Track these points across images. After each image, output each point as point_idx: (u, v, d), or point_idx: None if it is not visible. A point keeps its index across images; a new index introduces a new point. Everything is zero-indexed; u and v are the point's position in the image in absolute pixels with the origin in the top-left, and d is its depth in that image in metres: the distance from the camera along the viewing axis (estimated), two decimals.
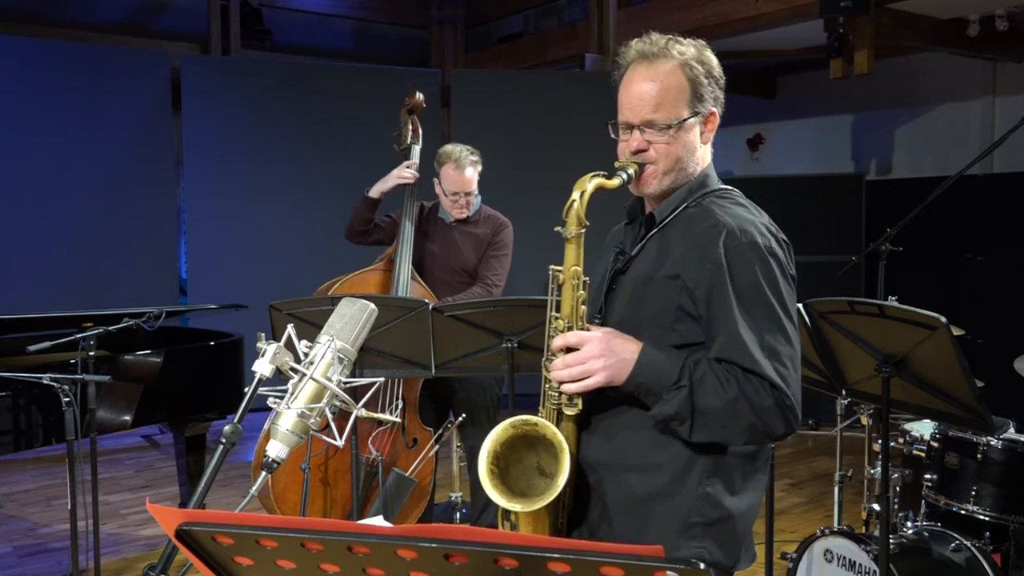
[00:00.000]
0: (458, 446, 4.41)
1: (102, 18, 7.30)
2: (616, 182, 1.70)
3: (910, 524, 3.10)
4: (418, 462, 3.55)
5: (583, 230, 1.67)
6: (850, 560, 2.91)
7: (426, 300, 3.10)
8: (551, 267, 1.71)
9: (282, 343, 1.45)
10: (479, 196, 3.80)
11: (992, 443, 2.99)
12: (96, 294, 6.04)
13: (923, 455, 3.23)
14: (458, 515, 4.28)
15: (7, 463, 5.56)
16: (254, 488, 1.43)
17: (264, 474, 1.42)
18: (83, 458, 3.04)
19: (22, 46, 6.24)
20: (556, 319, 1.70)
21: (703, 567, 0.85)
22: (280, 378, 1.44)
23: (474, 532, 0.89)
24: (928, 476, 3.16)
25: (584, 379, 1.62)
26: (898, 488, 3.21)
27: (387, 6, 8.39)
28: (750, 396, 1.59)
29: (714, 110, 1.75)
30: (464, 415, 3.65)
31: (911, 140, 7.34)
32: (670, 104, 1.69)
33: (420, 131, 3.96)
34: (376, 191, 3.80)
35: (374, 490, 3.53)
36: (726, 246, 1.64)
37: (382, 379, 3.09)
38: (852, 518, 4.22)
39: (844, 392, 2.73)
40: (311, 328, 2.84)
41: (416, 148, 3.92)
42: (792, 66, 7.81)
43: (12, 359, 3.63)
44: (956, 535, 2.91)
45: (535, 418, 1.66)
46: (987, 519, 2.99)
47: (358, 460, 3.28)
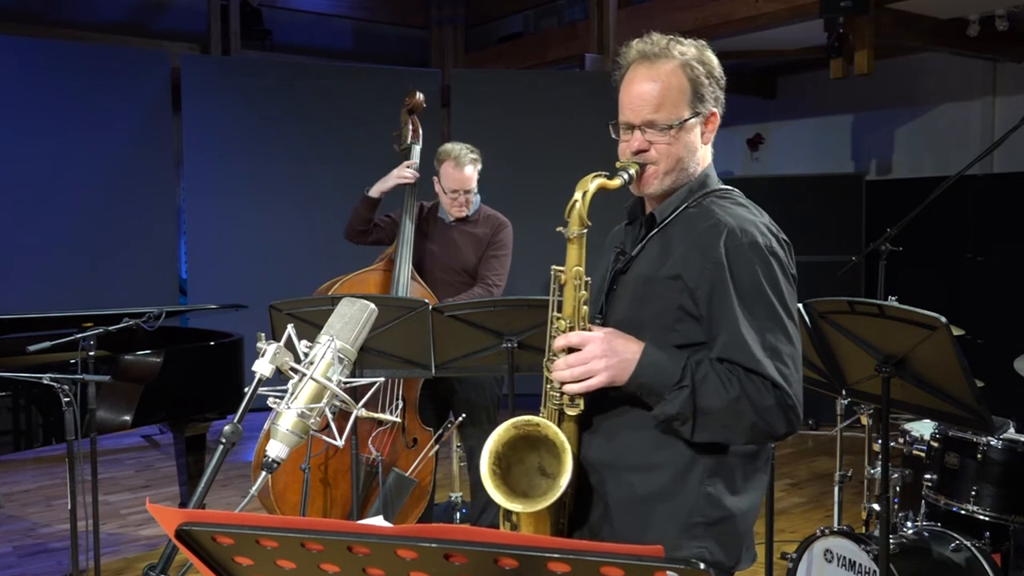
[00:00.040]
0: (458, 446, 4.41)
1: (102, 18, 7.30)
2: (617, 182, 1.70)
3: (910, 524, 3.10)
4: (418, 462, 3.55)
5: (585, 230, 1.67)
6: (850, 560, 2.91)
7: (426, 300, 3.10)
8: (553, 267, 1.71)
9: (282, 343, 1.45)
10: (479, 195, 3.80)
11: (992, 443, 2.99)
12: (96, 294, 6.03)
13: (923, 455, 3.23)
14: (458, 515, 4.28)
15: (7, 463, 5.56)
16: (254, 488, 1.43)
17: (264, 474, 1.42)
18: (83, 458, 3.04)
19: (22, 46, 6.24)
20: (558, 319, 1.70)
21: (703, 567, 0.85)
22: (280, 378, 1.44)
23: (474, 532, 0.89)
24: (928, 476, 3.16)
25: (586, 379, 1.62)
26: (898, 488, 3.21)
27: (387, 6, 8.39)
28: (752, 396, 1.59)
29: (715, 110, 1.75)
30: (464, 415, 3.65)
31: (911, 140, 7.34)
32: (671, 104, 1.70)
33: (420, 131, 3.96)
34: (376, 191, 3.80)
35: (374, 490, 3.53)
36: (727, 246, 1.64)
37: (382, 379, 3.09)
38: (852, 518, 4.22)
39: (844, 392, 2.73)
40: (311, 328, 2.84)
41: (416, 148, 3.92)
42: (792, 66, 7.81)
43: (12, 359, 3.62)
44: (956, 535, 2.91)
45: (537, 418, 1.66)
46: (987, 519, 2.99)
47: (358, 460, 3.28)
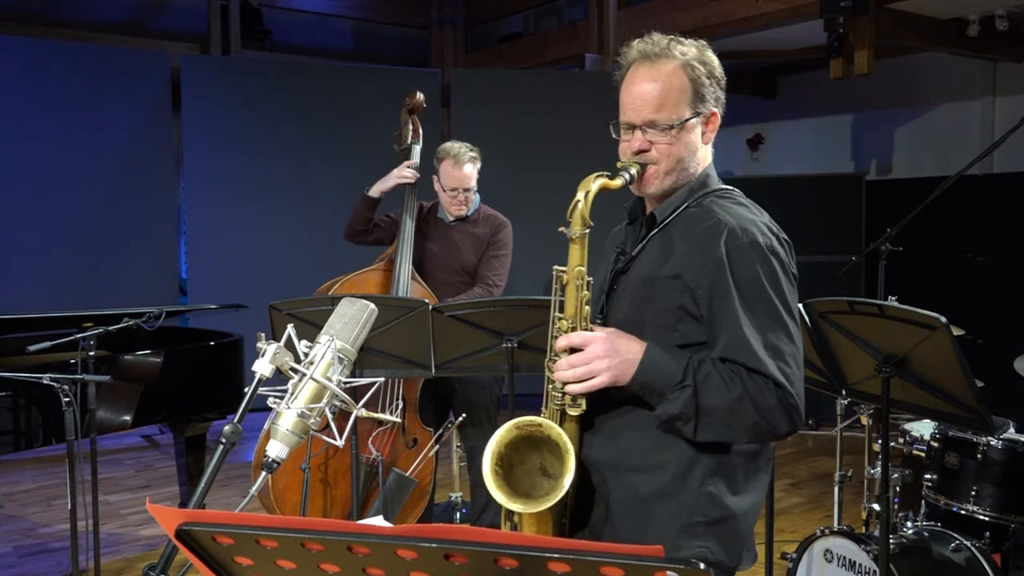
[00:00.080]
0: (458, 446, 4.41)
1: (102, 18, 7.30)
2: (619, 182, 1.70)
3: (910, 524, 3.10)
4: (418, 462, 3.55)
5: (587, 230, 1.67)
6: (850, 560, 2.91)
7: (426, 300, 3.10)
8: (555, 267, 1.71)
9: (282, 343, 1.45)
10: (478, 195, 3.80)
11: (992, 443, 2.99)
12: (96, 294, 6.03)
13: (923, 455, 3.23)
14: (458, 515, 4.28)
15: (7, 463, 5.56)
16: (254, 488, 1.43)
17: (264, 474, 1.42)
18: (83, 458, 3.04)
19: (22, 46, 6.24)
20: (560, 320, 1.69)
21: (703, 567, 0.84)
22: (280, 378, 1.44)
23: (474, 532, 0.89)
24: (928, 476, 3.16)
25: (589, 379, 1.62)
26: (898, 488, 3.21)
27: (387, 6, 8.39)
28: (754, 395, 1.59)
29: (715, 110, 1.75)
30: (464, 415, 3.65)
31: (911, 140, 7.34)
32: (672, 104, 1.69)
33: (420, 131, 3.95)
34: (376, 191, 3.80)
35: (374, 490, 3.53)
36: (727, 245, 1.64)
37: (382, 379, 3.10)
38: (852, 518, 4.22)
39: (844, 392, 2.73)
40: (311, 328, 2.84)
41: (416, 148, 3.92)
42: (792, 66, 7.81)
43: (12, 359, 3.62)
44: (956, 535, 2.91)
45: (540, 419, 1.65)
46: (987, 519, 2.98)
47: (358, 460, 3.28)
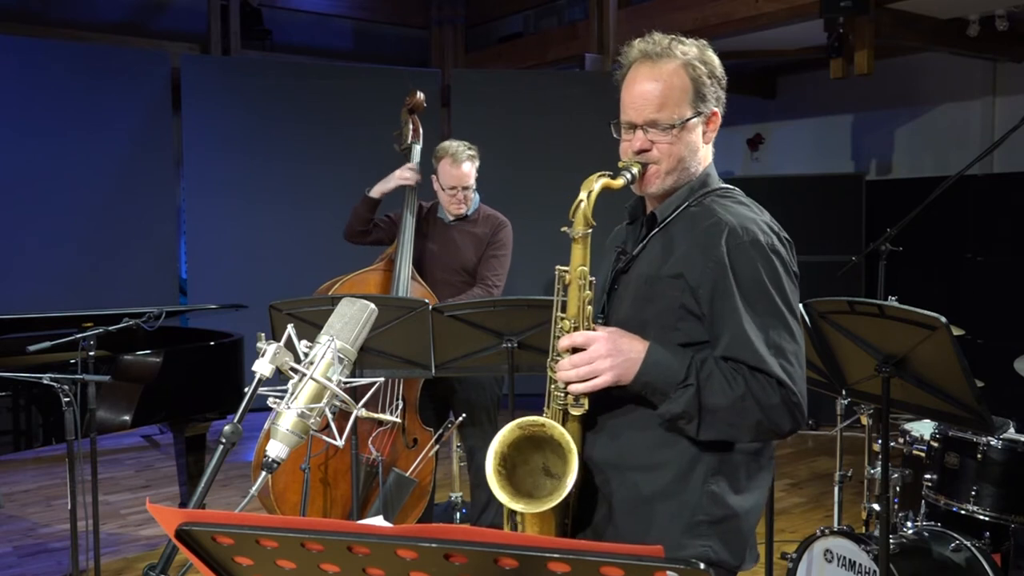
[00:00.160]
0: (458, 446, 4.41)
1: (102, 18, 7.29)
2: (621, 182, 1.70)
3: (910, 524, 3.10)
4: (418, 462, 3.55)
5: (590, 230, 1.67)
6: (850, 560, 2.91)
7: (426, 300, 3.10)
8: (558, 267, 1.71)
9: (282, 343, 1.44)
10: (478, 194, 3.80)
11: (992, 443, 2.99)
12: (96, 294, 6.03)
13: (923, 455, 3.23)
14: (458, 515, 4.28)
15: (7, 463, 5.56)
16: (254, 488, 1.43)
17: (264, 474, 1.42)
18: (83, 458, 3.04)
19: (22, 46, 6.24)
20: (562, 320, 1.69)
21: (703, 567, 0.84)
22: (280, 378, 1.44)
23: (474, 532, 0.89)
24: (928, 476, 3.16)
25: (591, 379, 1.62)
26: (898, 488, 3.21)
27: (387, 6, 8.39)
28: (757, 394, 1.59)
29: (716, 110, 1.75)
30: (464, 415, 3.65)
31: (911, 140, 7.34)
32: (673, 104, 1.69)
33: (421, 131, 3.95)
34: (377, 192, 3.80)
35: (374, 490, 3.53)
36: (728, 244, 1.64)
37: (382, 379, 3.09)
38: (852, 518, 4.22)
39: (844, 392, 2.73)
40: (311, 328, 2.84)
41: (417, 148, 3.92)
42: (792, 66, 7.81)
43: (12, 359, 3.62)
44: (956, 535, 2.91)
45: (543, 419, 1.65)
46: (987, 519, 2.98)
47: (358, 460, 3.28)
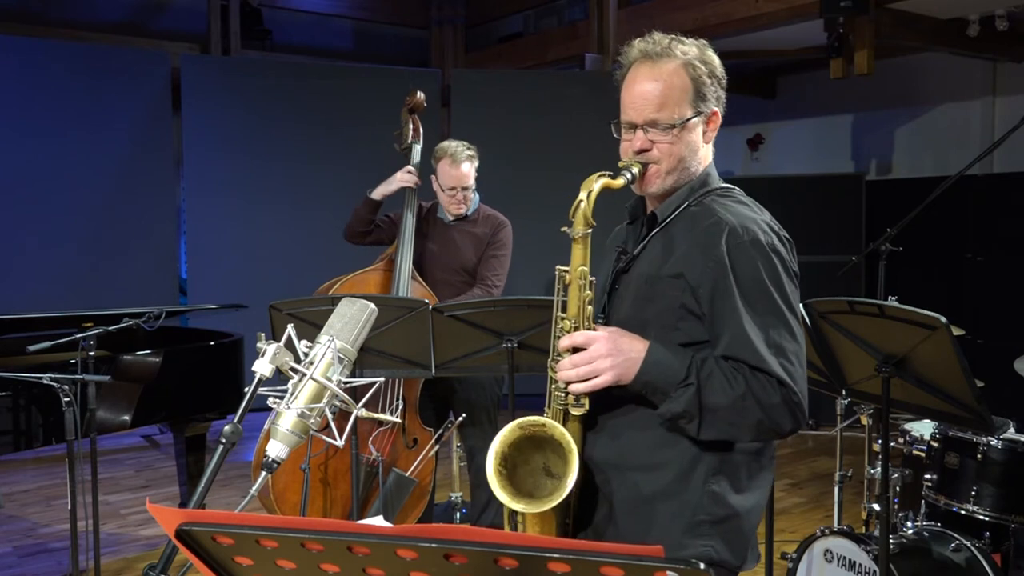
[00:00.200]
0: (458, 446, 4.41)
1: (102, 18, 7.29)
2: (621, 182, 1.70)
3: (910, 524, 3.10)
4: (418, 462, 3.55)
5: (590, 230, 1.67)
6: (850, 560, 2.91)
7: (426, 300, 3.10)
8: (558, 267, 1.71)
9: (282, 343, 1.44)
10: (478, 194, 3.80)
11: (992, 443, 2.99)
12: (96, 294, 6.03)
13: (923, 455, 3.23)
14: (458, 515, 4.28)
15: (7, 463, 5.56)
16: (254, 488, 1.43)
17: (264, 474, 1.42)
18: (83, 458, 3.04)
19: (22, 46, 6.24)
20: (562, 319, 1.69)
21: (703, 567, 0.84)
22: (280, 378, 1.44)
23: (474, 532, 0.89)
24: (928, 476, 3.16)
25: (592, 379, 1.62)
26: (898, 488, 3.21)
27: (387, 6, 8.39)
28: (758, 393, 1.59)
29: (716, 110, 1.75)
30: (464, 415, 3.65)
31: (911, 140, 7.34)
32: (673, 104, 1.69)
33: (421, 131, 3.95)
34: (379, 193, 3.80)
35: (374, 490, 3.53)
36: (728, 244, 1.64)
37: (382, 379, 3.09)
38: (852, 518, 4.22)
39: (844, 392, 2.73)
40: (311, 328, 2.84)
41: (417, 148, 3.92)
42: (792, 66, 7.81)
43: (12, 359, 3.62)
44: (956, 535, 2.91)
45: (543, 419, 1.65)
46: (987, 519, 2.98)
47: (358, 460, 3.28)
